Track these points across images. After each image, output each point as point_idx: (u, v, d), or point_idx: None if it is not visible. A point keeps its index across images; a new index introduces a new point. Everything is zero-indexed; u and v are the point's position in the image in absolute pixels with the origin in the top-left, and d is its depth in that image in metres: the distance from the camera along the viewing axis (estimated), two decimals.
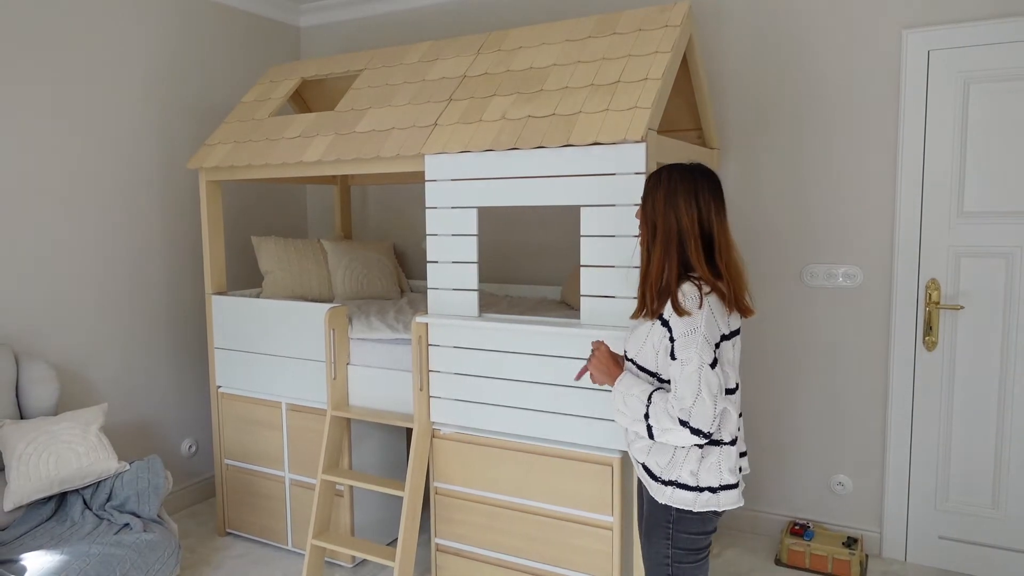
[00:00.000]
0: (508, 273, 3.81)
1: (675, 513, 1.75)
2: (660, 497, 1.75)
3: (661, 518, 1.77)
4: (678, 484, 1.73)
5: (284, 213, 4.28)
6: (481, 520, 2.63)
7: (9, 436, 2.58)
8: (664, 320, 1.69)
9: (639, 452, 1.81)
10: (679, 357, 1.65)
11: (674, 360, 1.66)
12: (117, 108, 3.34)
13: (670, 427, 1.65)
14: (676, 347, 1.66)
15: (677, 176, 1.72)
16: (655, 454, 1.76)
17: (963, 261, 2.86)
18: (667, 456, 1.74)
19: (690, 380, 1.63)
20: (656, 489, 1.77)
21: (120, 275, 3.38)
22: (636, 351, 1.78)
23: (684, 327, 1.65)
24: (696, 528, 1.75)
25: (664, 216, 1.71)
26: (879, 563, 3.05)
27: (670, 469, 1.74)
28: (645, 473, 1.80)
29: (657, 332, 1.71)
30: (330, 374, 2.90)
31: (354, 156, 2.75)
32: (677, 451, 1.73)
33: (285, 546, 3.21)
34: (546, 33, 2.81)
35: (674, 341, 1.66)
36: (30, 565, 2.23)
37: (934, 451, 2.97)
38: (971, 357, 2.88)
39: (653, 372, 1.76)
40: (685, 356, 1.64)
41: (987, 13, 2.73)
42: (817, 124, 3.06)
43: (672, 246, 1.70)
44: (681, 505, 1.73)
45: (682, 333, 1.65)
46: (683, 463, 1.72)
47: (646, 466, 1.79)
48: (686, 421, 1.63)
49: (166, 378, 3.61)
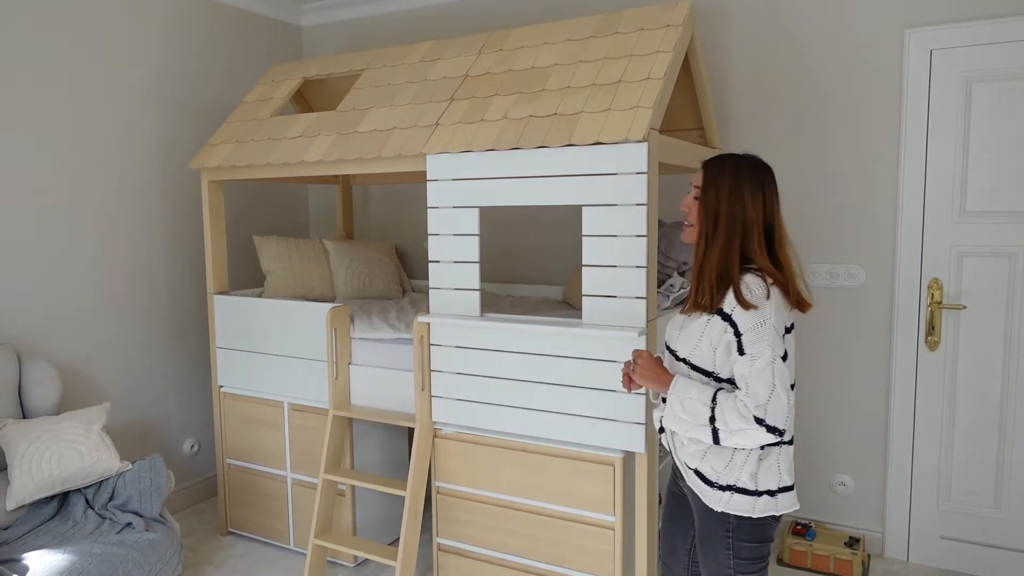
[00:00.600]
0: (510, 273, 3.81)
1: (733, 521, 1.66)
2: (716, 504, 1.67)
3: (718, 528, 1.68)
4: (736, 488, 1.65)
5: (286, 213, 4.28)
6: (483, 520, 2.63)
7: (12, 435, 2.58)
8: (725, 314, 1.61)
9: (691, 457, 1.71)
10: (748, 352, 1.57)
11: (742, 356, 1.58)
12: (119, 108, 3.34)
13: (742, 427, 1.56)
14: (744, 341, 1.58)
15: (743, 166, 1.67)
16: (711, 458, 1.67)
17: (965, 261, 2.86)
18: (724, 459, 1.65)
19: (763, 375, 1.55)
20: (711, 496, 1.68)
21: (122, 275, 3.39)
22: (690, 350, 1.69)
23: (752, 320, 1.58)
24: (757, 536, 1.67)
25: (729, 206, 1.64)
26: (881, 563, 3.05)
27: (728, 473, 1.65)
28: (698, 479, 1.70)
29: (715, 328, 1.63)
30: (332, 374, 2.90)
31: (356, 156, 2.75)
32: (736, 453, 1.65)
33: (287, 545, 3.21)
34: (548, 33, 2.81)
35: (741, 336, 1.59)
36: (32, 564, 2.23)
37: (936, 451, 2.97)
38: (973, 357, 2.88)
39: (709, 371, 1.67)
40: (756, 350, 1.56)
41: (990, 12, 2.73)
42: (819, 124, 3.05)
43: (735, 238, 1.63)
44: (739, 512, 1.65)
45: (751, 326, 1.58)
46: (743, 466, 1.64)
47: (699, 472, 1.69)
48: (762, 419, 1.54)
49: (168, 378, 3.61)
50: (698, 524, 1.75)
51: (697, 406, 1.61)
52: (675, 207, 3.38)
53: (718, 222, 1.66)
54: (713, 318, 1.64)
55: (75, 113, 3.17)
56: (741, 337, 1.59)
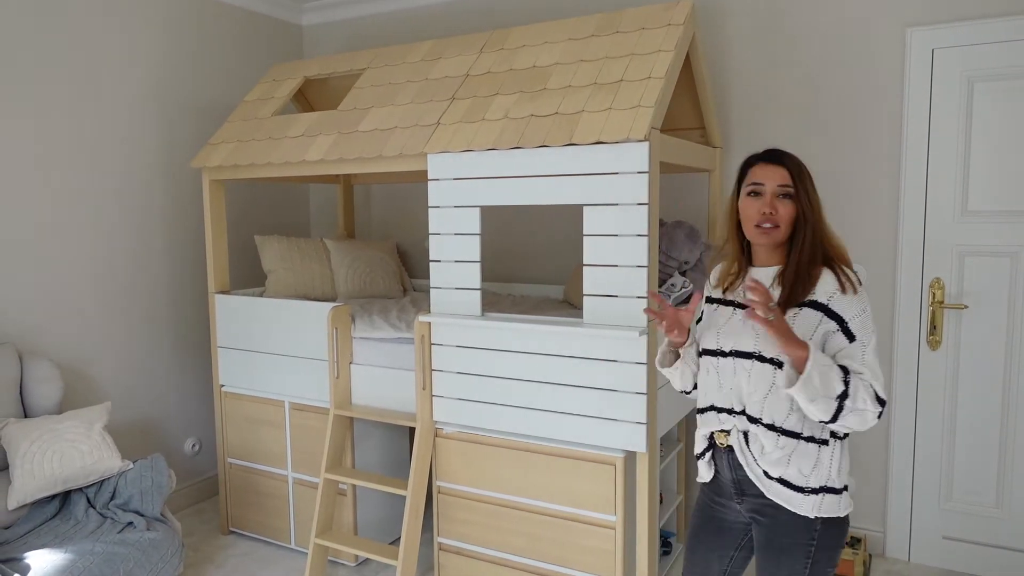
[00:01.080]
0: (511, 272, 3.81)
1: (820, 525, 1.60)
2: (808, 510, 1.59)
3: (801, 536, 1.61)
4: (827, 489, 1.59)
5: (287, 212, 4.28)
6: (484, 519, 2.63)
7: (13, 435, 2.58)
8: (821, 304, 1.59)
9: (775, 464, 1.62)
10: (859, 338, 1.56)
11: (852, 342, 1.56)
12: (120, 107, 3.34)
13: (867, 408, 1.51)
14: (853, 328, 1.57)
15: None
16: (797, 460, 1.60)
17: (967, 260, 2.85)
18: (811, 460, 1.59)
19: (877, 359, 1.56)
20: (801, 502, 1.60)
21: (124, 274, 3.39)
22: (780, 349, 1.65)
23: (857, 307, 1.58)
24: (841, 535, 1.62)
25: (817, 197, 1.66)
26: (882, 563, 3.05)
27: (817, 474, 1.59)
28: (783, 487, 1.61)
29: (807, 320, 1.59)
30: (333, 373, 2.90)
31: (357, 155, 2.75)
32: (822, 451, 1.60)
33: (288, 545, 3.22)
34: (549, 32, 2.81)
35: (847, 323, 1.57)
36: (34, 563, 2.23)
37: (938, 450, 2.97)
38: (975, 356, 2.87)
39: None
40: (865, 336, 1.57)
41: (992, 11, 2.72)
42: (820, 123, 3.05)
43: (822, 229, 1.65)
44: (830, 513, 1.59)
45: (856, 313, 1.57)
46: (830, 463, 1.60)
47: (785, 479, 1.61)
48: (885, 401, 1.54)
49: (169, 377, 3.62)
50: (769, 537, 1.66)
51: (833, 377, 1.51)
52: (676, 206, 3.38)
53: (816, 214, 1.65)
54: (802, 311, 1.60)
55: (76, 113, 3.17)
56: (848, 324, 1.57)
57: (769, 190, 1.65)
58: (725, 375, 1.69)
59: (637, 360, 2.28)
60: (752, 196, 1.68)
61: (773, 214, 1.64)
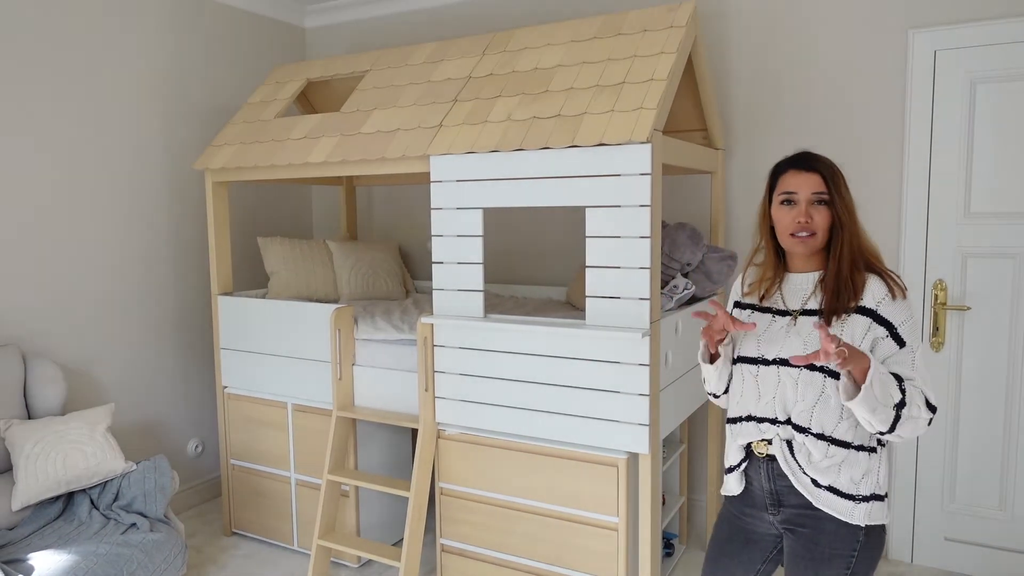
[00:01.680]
0: (513, 274, 3.81)
1: (864, 534, 1.58)
2: (857, 518, 1.58)
3: (844, 546, 1.59)
4: (875, 496, 1.57)
5: (290, 214, 4.29)
6: (486, 520, 2.63)
7: (17, 436, 2.59)
8: (869, 310, 1.56)
9: (824, 473, 1.59)
10: (909, 343, 1.55)
11: (902, 347, 1.55)
12: (123, 109, 3.35)
13: (921, 416, 1.50)
14: (902, 333, 1.55)
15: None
16: (847, 469, 1.58)
17: (970, 262, 2.85)
18: (861, 467, 1.58)
19: (925, 364, 1.54)
20: (850, 510, 1.58)
21: (127, 276, 3.40)
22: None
23: (904, 312, 1.56)
24: (881, 543, 1.61)
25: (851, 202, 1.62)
26: (885, 564, 3.04)
27: (868, 481, 1.58)
28: (833, 496, 1.59)
29: (856, 326, 1.56)
30: (336, 374, 2.90)
31: (359, 157, 2.76)
32: (871, 459, 1.59)
33: (291, 546, 3.22)
34: (551, 34, 2.81)
35: (896, 328, 1.55)
36: (38, 564, 2.24)
37: (940, 452, 2.96)
38: (978, 358, 2.87)
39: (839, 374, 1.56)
40: (914, 342, 1.55)
41: (994, 13, 2.72)
42: (822, 125, 3.05)
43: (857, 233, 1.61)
44: (877, 520, 1.58)
45: (904, 319, 1.56)
46: (877, 470, 1.59)
47: (834, 487, 1.59)
48: (935, 407, 1.52)
49: (172, 378, 3.62)
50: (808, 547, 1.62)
51: (891, 386, 1.49)
52: (678, 208, 3.38)
53: (852, 217, 1.61)
54: (850, 317, 1.57)
55: (79, 114, 3.18)
56: (897, 329, 1.55)
57: (803, 198, 1.61)
58: (767, 384, 1.65)
59: (640, 362, 2.28)
60: (786, 205, 1.63)
61: (809, 222, 1.60)
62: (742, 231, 3.23)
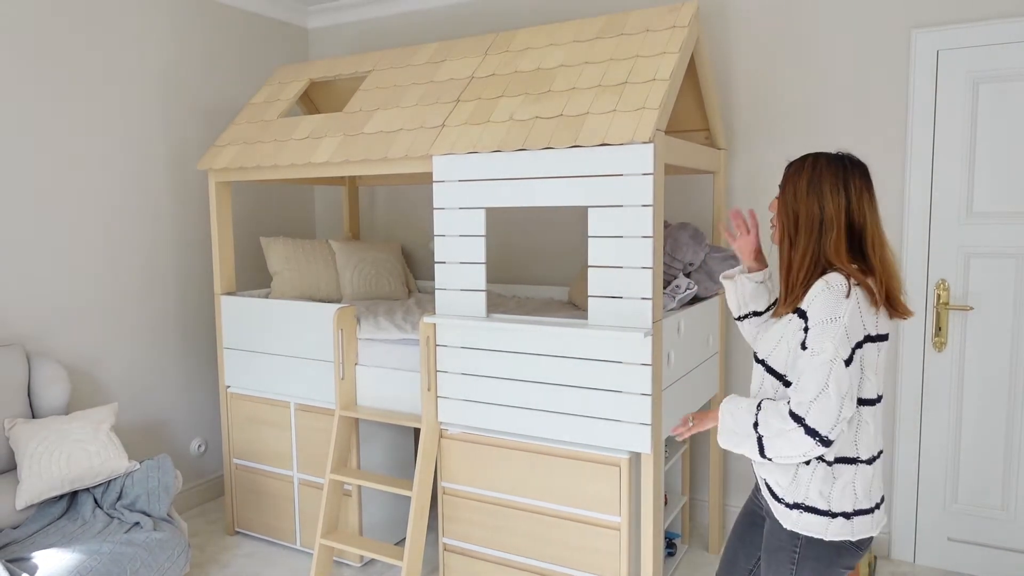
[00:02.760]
0: (515, 274, 3.81)
1: (802, 540, 1.57)
2: (786, 522, 1.59)
3: (786, 542, 1.60)
4: (806, 507, 1.55)
5: (292, 214, 4.30)
6: (489, 520, 2.64)
7: (21, 435, 2.60)
8: (802, 311, 1.54)
9: (760, 467, 1.65)
10: (811, 346, 1.49)
11: (804, 349, 1.50)
12: (127, 110, 3.36)
13: (782, 428, 1.48)
14: (809, 336, 1.49)
15: (824, 162, 1.60)
16: (775, 471, 1.60)
17: (972, 262, 2.85)
18: (788, 473, 1.57)
19: (818, 371, 1.45)
20: (781, 512, 1.60)
21: (130, 276, 3.41)
22: (769, 351, 1.63)
23: (824, 314, 1.49)
24: (825, 560, 1.56)
25: (807, 203, 1.58)
26: (888, 565, 3.04)
27: (793, 489, 1.56)
28: (768, 492, 1.64)
29: (793, 326, 1.57)
30: (338, 374, 2.91)
31: (362, 157, 2.76)
32: (800, 468, 1.56)
33: (293, 545, 3.23)
34: (554, 34, 2.81)
35: (808, 329, 1.50)
36: (41, 563, 2.24)
37: (943, 452, 2.96)
38: (980, 358, 2.87)
39: (781, 374, 1.60)
40: (818, 346, 1.47)
41: (997, 13, 2.72)
42: (825, 124, 3.05)
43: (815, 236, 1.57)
44: (810, 532, 1.56)
45: (820, 321, 1.49)
46: (809, 482, 1.55)
47: (768, 485, 1.63)
48: (801, 417, 1.45)
49: (176, 378, 3.63)
50: (766, 535, 1.67)
51: (743, 416, 1.55)
52: (680, 208, 3.38)
53: (798, 221, 1.59)
54: (793, 318, 1.57)
55: (82, 115, 3.19)
56: (808, 332, 1.51)
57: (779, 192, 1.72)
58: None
59: (642, 361, 2.28)
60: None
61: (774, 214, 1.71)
62: None
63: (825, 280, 1.53)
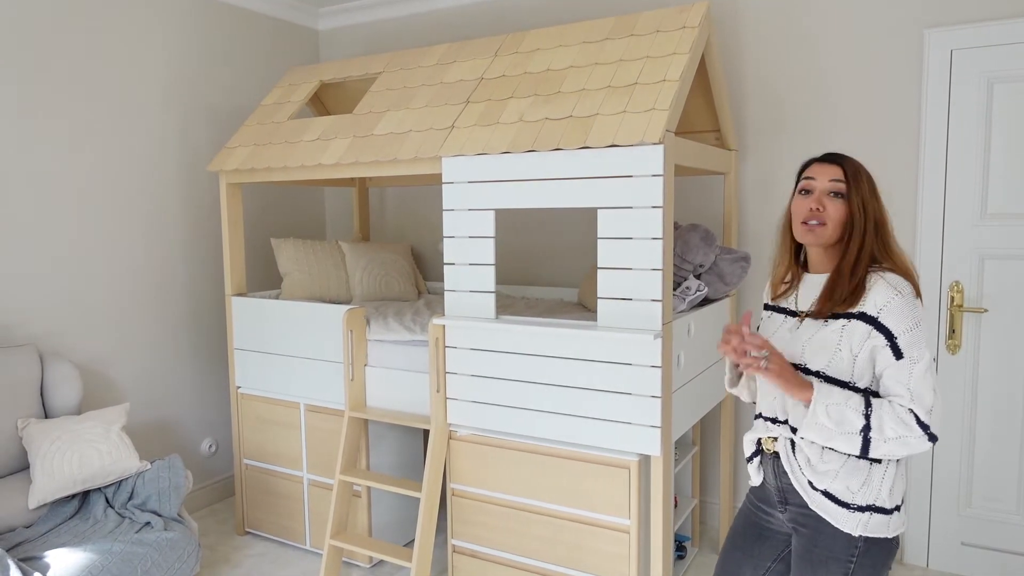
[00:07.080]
0: (525, 275, 3.81)
1: (862, 544, 1.55)
2: (850, 527, 1.55)
3: (841, 552, 1.56)
4: (875, 508, 1.54)
5: (303, 215, 4.31)
6: (498, 522, 2.63)
7: (34, 435, 2.62)
8: (870, 317, 1.51)
9: (821, 476, 1.58)
10: (908, 355, 1.49)
11: (899, 360, 1.50)
12: (138, 111, 3.38)
13: (902, 435, 1.47)
14: (901, 345, 1.50)
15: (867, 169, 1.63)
16: (846, 476, 1.55)
17: (987, 263, 2.82)
18: (860, 477, 1.55)
19: (925, 379, 1.48)
20: (845, 518, 1.56)
21: (142, 277, 3.43)
22: (827, 361, 1.57)
23: (909, 322, 1.50)
24: (886, 556, 1.57)
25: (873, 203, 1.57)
26: (901, 569, 3.02)
27: (865, 491, 1.54)
28: (829, 501, 1.58)
29: (856, 333, 1.53)
30: (348, 375, 2.91)
31: (372, 158, 2.77)
32: (873, 469, 1.55)
33: (303, 546, 3.23)
34: (563, 35, 2.81)
35: (896, 339, 1.50)
36: (53, 562, 2.26)
37: (957, 456, 2.93)
38: (995, 360, 2.84)
39: (845, 382, 1.56)
40: (915, 353, 1.49)
41: (1010, 12, 2.69)
42: (837, 125, 3.03)
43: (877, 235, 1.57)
44: (876, 533, 1.54)
45: (907, 328, 1.50)
46: (881, 481, 1.54)
47: (830, 493, 1.57)
48: (928, 425, 1.46)
49: (186, 378, 3.65)
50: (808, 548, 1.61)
51: (846, 412, 1.49)
52: (691, 209, 3.37)
53: (867, 218, 1.57)
54: (851, 323, 1.54)
55: (93, 117, 3.21)
56: (896, 340, 1.50)
57: (819, 186, 1.60)
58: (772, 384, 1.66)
59: (652, 363, 2.27)
60: (803, 194, 1.63)
61: (820, 211, 1.58)
62: (755, 232, 3.21)
63: (886, 281, 1.53)
